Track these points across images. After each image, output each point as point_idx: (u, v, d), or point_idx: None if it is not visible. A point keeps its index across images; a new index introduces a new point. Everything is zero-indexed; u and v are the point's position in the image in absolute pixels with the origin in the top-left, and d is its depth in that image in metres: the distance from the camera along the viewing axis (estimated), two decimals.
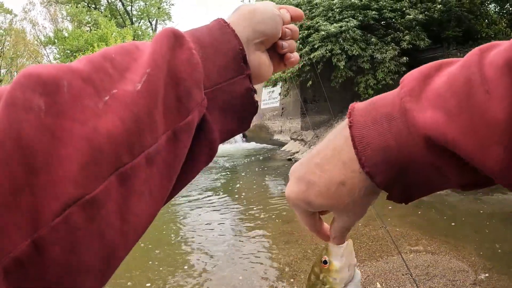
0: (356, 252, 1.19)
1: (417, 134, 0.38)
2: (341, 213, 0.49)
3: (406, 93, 0.40)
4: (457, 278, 3.08)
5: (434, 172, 0.40)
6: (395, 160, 0.41)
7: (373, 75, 9.70)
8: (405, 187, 0.44)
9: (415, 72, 0.42)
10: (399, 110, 0.40)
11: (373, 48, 9.62)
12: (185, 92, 0.41)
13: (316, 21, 9.95)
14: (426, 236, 4.10)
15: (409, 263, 3.43)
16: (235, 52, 0.49)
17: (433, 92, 0.38)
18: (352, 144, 0.43)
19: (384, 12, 9.83)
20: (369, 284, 3.17)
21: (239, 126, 0.52)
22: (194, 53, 0.44)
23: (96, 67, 0.36)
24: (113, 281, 3.88)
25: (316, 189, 0.46)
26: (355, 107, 0.46)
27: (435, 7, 9.62)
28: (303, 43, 10.23)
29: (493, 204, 5.21)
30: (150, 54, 0.40)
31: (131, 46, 0.42)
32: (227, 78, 0.48)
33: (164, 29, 0.45)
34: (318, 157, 0.47)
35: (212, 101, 0.46)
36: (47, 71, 0.33)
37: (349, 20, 9.53)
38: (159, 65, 0.39)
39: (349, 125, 0.44)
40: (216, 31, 0.49)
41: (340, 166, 0.45)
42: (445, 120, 0.36)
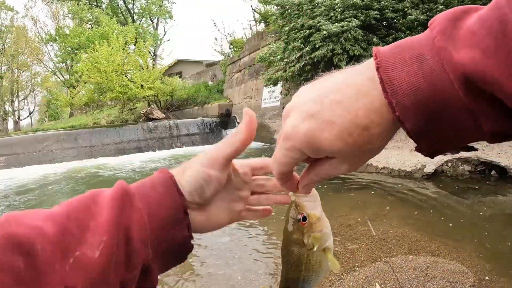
0: (355, 252, 1.17)
1: (453, 73, 0.36)
2: (345, 160, 0.46)
3: (438, 32, 0.39)
4: (456, 279, 3.08)
5: (467, 118, 0.38)
6: (427, 103, 0.38)
7: None
8: (435, 137, 0.42)
9: (444, 14, 0.41)
10: (431, 50, 0.39)
11: None
12: (133, 250, 0.48)
13: (318, 21, 9.93)
14: (425, 237, 4.09)
15: (408, 264, 3.43)
16: (176, 205, 0.55)
17: (467, 31, 0.37)
18: (380, 87, 0.41)
19: (386, 12, 9.81)
20: (368, 285, 3.16)
21: (176, 262, 0.59)
22: (143, 213, 0.51)
23: (62, 230, 0.43)
24: None
25: (335, 130, 0.43)
26: (380, 50, 0.44)
27: (437, 7, 9.59)
28: (305, 42, 10.23)
29: (493, 206, 5.21)
30: (106, 221, 0.46)
31: (89, 201, 0.49)
32: (169, 229, 0.54)
33: (118, 185, 0.52)
34: (338, 94, 0.44)
35: (154, 250, 0.52)
36: (23, 232, 0.40)
37: (351, 20, 9.51)
38: (113, 231, 0.46)
39: (376, 67, 0.42)
40: (159, 187, 0.55)
41: (365, 109, 0.42)
42: (483, 57, 0.35)
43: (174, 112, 23.20)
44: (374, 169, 7.93)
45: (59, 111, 49.65)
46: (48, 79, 45.14)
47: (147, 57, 23.50)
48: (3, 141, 15.53)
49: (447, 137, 0.41)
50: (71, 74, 35.74)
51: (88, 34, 32.89)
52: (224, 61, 23.71)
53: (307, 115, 0.44)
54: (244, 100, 18.45)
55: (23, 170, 13.46)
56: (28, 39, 38.34)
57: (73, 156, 15.30)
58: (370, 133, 0.42)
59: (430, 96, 0.38)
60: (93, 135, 16.43)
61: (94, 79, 20.72)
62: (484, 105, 0.37)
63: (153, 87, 21.17)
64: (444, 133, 0.41)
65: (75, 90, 30.23)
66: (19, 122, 41.47)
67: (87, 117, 27.62)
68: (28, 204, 7.99)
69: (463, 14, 0.39)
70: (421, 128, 0.40)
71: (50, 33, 38.69)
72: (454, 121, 0.39)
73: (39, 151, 15.06)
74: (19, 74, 39.51)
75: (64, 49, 36.47)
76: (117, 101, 23.03)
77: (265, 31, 18.19)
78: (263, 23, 21.51)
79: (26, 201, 8.28)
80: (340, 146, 0.43)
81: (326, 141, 0.43)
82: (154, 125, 17.70)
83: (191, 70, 33.55)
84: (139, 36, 30.14)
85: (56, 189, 9.46)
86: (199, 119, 18.93)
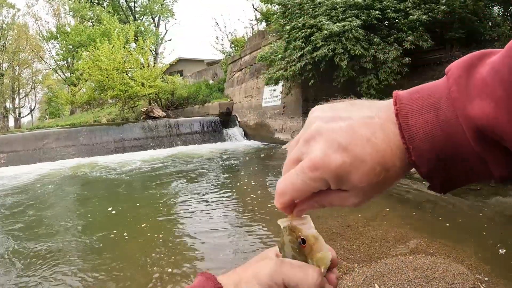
0: (354, 253, 1.14)
1: (466, 124, 0.38)
2: (358, 195, 0.47)
3: (453, 82, 0.41)
4: (456, 281, 3.07)
5: (479, 164, 0.40)
6: (442, 150, 0.41)
7: (376, 75, 9.66)
8: (447, 178, 0.43)
9: (459, 62, 0.42)
10: (447, 100, 0.41)
11: (375, 48, 9.59)
12: None
13: (319, 20, 9.92)
14: (425, 238, 4.09)
15: (408, 265, 3.42)
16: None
17: (480, 81, 0.38)
18: (399, 133, 0.42)
19: (388, 12, 9.79)
20: (368, 285, 3.16)
21: None
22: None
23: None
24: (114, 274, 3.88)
25: (365, 168, 0.43)
26: (399, 95, 0.45)
27: (438, 8, 9.57)
28: (306, 42, 10.22)
29: (494, 207, 5.20)
30: None
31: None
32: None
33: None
34: (367, 130, 0.44)
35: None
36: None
37: (352, 19, 9.49)
38: None
39: (395, 113, 0.43)
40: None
41: (390, 151, 0.43)
42: (494, 108, 0.36)
43: (174, 111, 23.19)
44: None
45: (60, 109, 49.66)
46: (49, 77, 45.17)
47: (148, 56, 23.49)
48: (4, 138, 15.53)
49: (458, 178, 0.43)
50: (72, 72, 35.75)
51: (89, 32, 32.91)
52: (225, 60, 23.71)
53: (338, 147, 0.44)
54: (245, 99, 18.44)
55: (23, 167, 13.47)
56: (29, 36, 38.34)
57: (73, 154, 15.31)
58: (390, 174, 0.44)
59: (444, 144, 0.41)
60: (93, 133, 16.43)
61: (95, 77, 20.73)
62: (495, 153, 0.39)
63: (154, 86, 21.18)
64: (456, 175, 0.43)
65: (76, 88, 30.22)
66: (20, 120, 41.50)
67: (88, 115, 27.62)
68: (24, 204, 7.98)
69: (478, 61, 0.41)
70: (435, 171, 0.43)
71: (51, 31, 38.69)
72: (466, 166, 0.42)
73: (40, 148, 15.07)
74: (20, 72, 39.53)
75: (65, 47, 36.49)
76: (117, 99, 23.03)
77: (266, 30, 18.18)
78: (264, 22, 21.52)
79: (23, 200, 8.28)
80: (365, 184, 0.44)
81: (355, 178, 0.44)
82: (155, 124, 17.71)
83: (192, 69, 33.57)
84: (140, 35, 30.15)
85: (54, 188, 9.46)
86: (200, 118, 18.92)
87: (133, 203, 7.30)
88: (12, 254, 4.73)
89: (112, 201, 7.65)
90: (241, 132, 18.18)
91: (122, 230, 5.41)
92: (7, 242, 5.22)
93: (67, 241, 5.16)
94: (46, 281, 3.86)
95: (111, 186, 9.18)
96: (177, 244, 4.74)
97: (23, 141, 15.15)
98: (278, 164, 10.32)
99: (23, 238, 5.39)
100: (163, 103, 23.65)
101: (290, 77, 11.37)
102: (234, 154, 13.33)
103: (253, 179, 8.80)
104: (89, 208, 7.10)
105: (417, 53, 10.05)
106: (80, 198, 8.27)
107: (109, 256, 4.46)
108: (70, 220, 6.31)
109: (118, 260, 4.30)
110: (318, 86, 11.12)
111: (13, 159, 14.28)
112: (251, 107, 17.65)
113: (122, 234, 5.21)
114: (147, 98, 22.81)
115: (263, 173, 9.59)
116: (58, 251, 4.76)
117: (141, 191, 8.66)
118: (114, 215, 6.37)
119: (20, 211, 7.19)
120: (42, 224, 6.11)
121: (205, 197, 7.14)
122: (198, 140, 17.77)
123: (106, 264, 4.21)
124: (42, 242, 5.11)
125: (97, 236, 5.22)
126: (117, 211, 6.64)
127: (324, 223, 4.81)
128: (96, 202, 7.56)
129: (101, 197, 8.14)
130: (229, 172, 10.00)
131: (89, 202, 7.66)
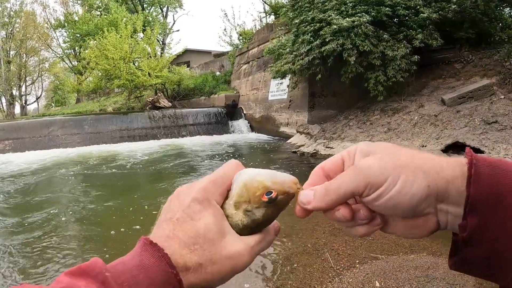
0: (356, 249, 1.12)
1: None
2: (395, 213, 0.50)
3: None
4: (456, 282, 3.06)
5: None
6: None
7: (384, 72, 9.61)
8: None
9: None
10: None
11: (384, 45, 9.53)
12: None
13: (329, 15, 9.85)
14: (427, 237, 4.07)
15: (409, 263, 3.42)
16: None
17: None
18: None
19: (398, 9, 9.72)
20: (368, 282, 3.15)
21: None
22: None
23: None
24: None
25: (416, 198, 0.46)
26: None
27: (449, 7, 9.48)
28: (314, 36, 10.16)
29: None
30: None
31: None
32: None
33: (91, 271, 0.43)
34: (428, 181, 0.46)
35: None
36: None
37: (362, 15, 9.42)
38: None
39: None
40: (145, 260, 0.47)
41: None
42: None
43: (180, 101, 23.21)
44: None
45: (66, 97, 49.80)
46: (56, 65, 45.19)
47: (155, 46, 23.46)
48: (10, 125, 15.63)
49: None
50: (78, 61, 35.76)
51: (97, 21, 32.86)
52: (233, 52, 23.65)
53: (419, 170, 0.46)
54: (251, 91, 18.41)
55: (28, 154, 13.56)
56: (36, 24, 38.27)
57: (78, 142, 15.37)
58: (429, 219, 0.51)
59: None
60: (99, 122, 16.49)
61: (101, 66, 20.75)
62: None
63: (161, 76, 21.16)
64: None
65: (82, 76, 30.26)
66: (26, 107, 41.61)
67: (94, 104, 27.68)
68: (29, 189, 8.04)
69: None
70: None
71: (59, 19, 38.66)
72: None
73: (45, 136, 15.14)
74: (27, 59, 39.57)
75: (72, 36, 36.48)
76: (124, 88, 23.06)
77: (274, 23, 18.11)
78: (273, 15, 21.42)
79: (28, 186, 8.34)
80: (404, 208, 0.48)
81: (404, 200, 0.47)
82: (162, 114, 17.74)
83: (199, 60, 33.49)
84: (148, 25, 30.09)
85: (57, 174, 9.51)
86: (206, 109, 18.94)
87: (133, 192, 7.32)
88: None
89: (113, 190, 7.69)
90: (246, 125, 18.17)
91: (120, 222, 5.44)
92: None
93: (69, 232, 5.21)
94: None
95: (114, 175, 9.21)
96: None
97: (28, 128, 15.23)
98: (283, 158, 10.32)
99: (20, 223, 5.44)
100: (169, 93, 23.67)
101: (297, 71, 11.33)
102: (239, 146, 13.33)
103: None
104: (92, 195, 7.14)
105: (426, 51, 9.98)
106: (83, 186, 8.29)
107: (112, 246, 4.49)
108: (73, 208, 6.35)
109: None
110: (325, 81, 11.08)
111: (18, 146, 14.36)
112: (257, 100, 17.62)
113: (119, 227, 5.24)
114: (153, 88, 22.81)
115: (267, 166, 9.57)
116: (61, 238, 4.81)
117: (144, 180, 8.68)
118: (112, 206, 6.39)
119: (22, 193, 7.25)
120: (43, 208, 6.16)
121: None
122: (203, 131, 17.78)
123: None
124: (38, 230, 5.16)
125: (100, 227, 5.26)
126: (115, 201, 6.68)
127: (327, 218, 4.79)
128: (99, 190, 7.60)
129: (104, 185, 8.17)
130: None
131: (92, 189, 7.70)
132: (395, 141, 8.45)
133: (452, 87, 9.51)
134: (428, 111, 8.94)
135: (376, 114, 10.20)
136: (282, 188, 0.54)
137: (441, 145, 7.49)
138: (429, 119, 8.60)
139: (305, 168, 8.80)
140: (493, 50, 9.81)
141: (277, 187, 0.54)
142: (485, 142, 6.99)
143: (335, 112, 12.49)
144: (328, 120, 12.27)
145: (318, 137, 11.14)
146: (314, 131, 11.96)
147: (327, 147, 10.00)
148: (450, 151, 7.35)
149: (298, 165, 9.21)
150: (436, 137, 7.81)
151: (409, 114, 9.26)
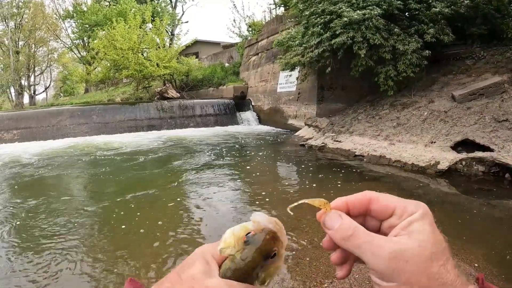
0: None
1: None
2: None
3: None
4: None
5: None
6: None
7: (394, 66, 9.54)
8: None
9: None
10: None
11: (395, 39, 9.44)
12: None
13: (339, 7, 9.76)
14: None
15: None
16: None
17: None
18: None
19: (410, 3, 9.62)
20: (368, 281, 3.15)
21: None
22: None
23: None
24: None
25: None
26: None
27: (462, 2, 9.35)
28: (325, 28, 10.08)
29: (504, 210, 5.12)
30: None
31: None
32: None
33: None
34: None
35: None
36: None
37: (373, 8, 9.32)
38: None
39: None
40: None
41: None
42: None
43: (189, 92, 23.22)
44: (387, 161, 7.86)
45: (74, 87, 49.95)
46: (65, 55, 45.27)
47: (164, 36, 23.43)
48: (18, 114, 15.74)
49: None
50: (87, 51, 35.83)
51: (105, 12, 32.87)
52: (242, 43, 23.57)
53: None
54: (260, 83, 18.37)
55: (35, 143, 13.70)
56: (45, 15, 38.24)
57: (86, 131, 15.47)
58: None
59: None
60: (107, 112, 16.55)
61: (110, 56, 20.81)
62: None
63: (169, 66, 21.18)
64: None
65: (91, 66, 30.32)
66: (35, 97, 41.72)
67: (102, 94, 27.77)
68: (34, 177, 8.12)
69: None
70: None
71: (67, 10, 38.69)
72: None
73: (53, 125, 15.24)
74: (35, 50, 39.61)
75: (81, 26, 36.51)
76: (132, 79, 23.11)
77: (284, 15, 18.00)
78: (283, 7, 21.27)
79: (34, 173, 8.42)
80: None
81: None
82: (170, 105, 17.77)
83: (208, 51, 33.44)
84: (157, 15, 30.03)
85: (63, 163, 9.59)
86: (215, 100, 18.94)
87: (137, 181, 7.37)
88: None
89: (120, 178, 7.73)
90: (254, 117, 18.15)
91: (121, 211, 5.49)
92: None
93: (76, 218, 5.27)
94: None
95: (122, 164, 9.25)
96: (180, 226, 4.81)
97: (37, 118, 15.33)
98: (291, 150, 10.31)
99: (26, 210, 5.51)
100: (178, 84, 23.68)
101: (306, 63, 11.27)
102: (246, 138, 13.32)
103: (264, 163, 8.81)
104: (99, 183, 7.20)
105: (437, 47, 9.88)
106: (90, 174, 8.35)
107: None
108: (78, 198, 6.41)
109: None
110: (335, 74, 11.02)
111: (26, 135, 14.47)
112: (265, 91, 17.58)
113: (124, 220, 5.29)
114: (162, 78, 22.85)
115: (274, 159, 9.59)
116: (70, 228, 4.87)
117: (151, 169, 8.71)
118: (119, 194, 6.44)
119: (27, 183, 7.32)
120: (49, 198, 6.23)
121: (213, 178, 7.17)
122: (211, 122, 17.81)
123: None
124: (45, 219, 5.22)
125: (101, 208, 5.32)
126: (121, 189, 6.72)
127: None
128: (109, 176, 7.66)
129: (112, 173, 8.22)
130: (241, 156, 10.00)
131: (99, 177, 7.75)
132: (404, 136, 8.41)
133: (463, 84, 9.42)
134: (438, 107, 8.87)
135: (385, 109, 10.14)
136: (259, 226, 0.54)
137: (450, 141, 7.44)
138: (439, 115, 8.53)
139: (313, 161, 8.79)
140: (505, 47, 9.70)
141: (255, 226, 0.54)
142: (495, 140, 6.93)
143: (344, 106, 12.44)
144: (336, 114, 12.22)
145: (327, 130, 11.10)
146: (322, 124, 11.93)
147: (335, 141, 9.97)
148: (459, 148, 7.30)
149: (306, 158, 9.19)
150: (445, 134, 7.76)
151: (418, 110, 9.19)
